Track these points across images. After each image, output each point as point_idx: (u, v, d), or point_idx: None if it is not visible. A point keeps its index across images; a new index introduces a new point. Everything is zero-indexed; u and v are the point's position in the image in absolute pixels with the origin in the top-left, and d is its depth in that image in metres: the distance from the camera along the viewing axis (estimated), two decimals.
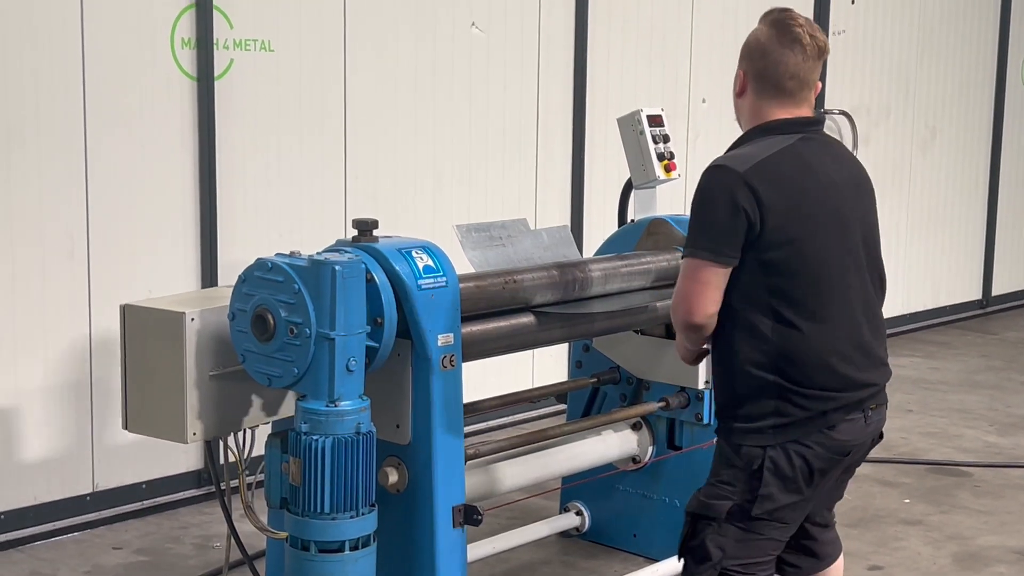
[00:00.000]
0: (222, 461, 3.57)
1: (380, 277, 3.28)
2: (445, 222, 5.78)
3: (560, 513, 4.73)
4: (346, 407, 3.12)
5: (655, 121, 4.48)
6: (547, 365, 6.39)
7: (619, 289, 4.09)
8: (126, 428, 3.42)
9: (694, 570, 3.14)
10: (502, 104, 6.15)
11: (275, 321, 3.15)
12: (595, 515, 4.68)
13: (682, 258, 3.07)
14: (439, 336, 3.35)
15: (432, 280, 3.35)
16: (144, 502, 5.05)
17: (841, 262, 3.07)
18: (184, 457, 5.12)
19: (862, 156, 8.12)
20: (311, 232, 5.34)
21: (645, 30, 6.79)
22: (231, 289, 3.29)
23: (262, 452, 3.35)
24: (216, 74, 5.02)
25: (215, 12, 4.97)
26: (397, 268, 3.31)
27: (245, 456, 3.47)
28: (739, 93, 3.19)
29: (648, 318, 4.21)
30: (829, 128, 8.07)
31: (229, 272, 5.08)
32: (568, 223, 6.40)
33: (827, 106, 7.98)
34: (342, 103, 5.48)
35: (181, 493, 5.14)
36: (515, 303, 3.75)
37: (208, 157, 5.03)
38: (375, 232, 3.42)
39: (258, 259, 3.20)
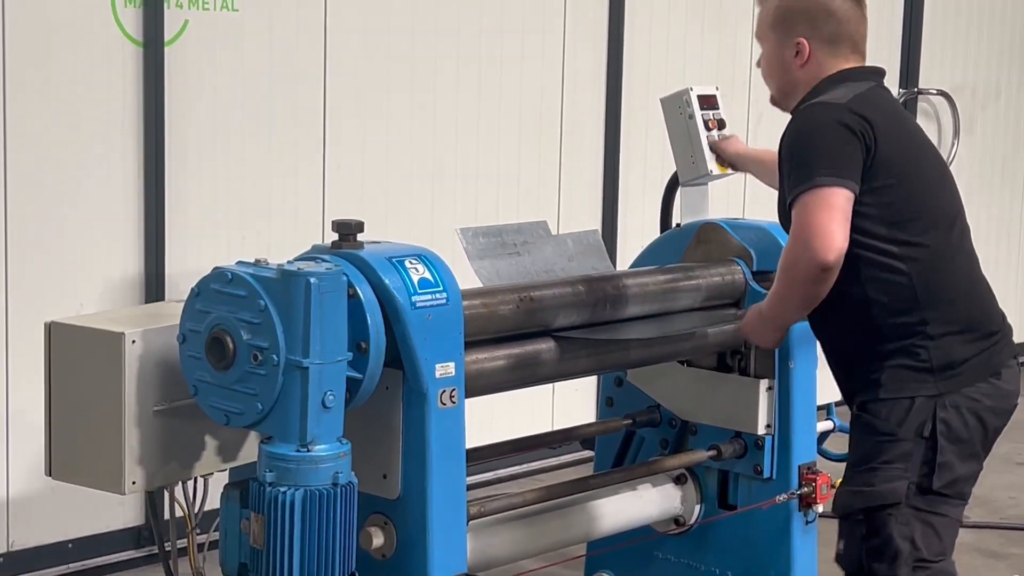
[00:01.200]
0: (167, 516, 3.59)
1: (365, 292, 3.30)
2: (446, 225, 5.79)
3: None
4: (321, 452, 3.13)
5: (708, 103, 4.49)
6: (571, 402, 6.40)
7: (660, 310, 4.11)
8: (49, 475, 3.44)
9: (887, 573, 3.36)
10: (519, 78, 6.17)
11: (235, 345, 3.16)
12: None
13: (792, 201, 3.32)
14: (437, 366, 3.36)
15: (429, 296, 3.37)
16: (70, 565, 5.06)
17: (950, 206, 3.53)
18: (120, 511, 5.15)
19: (965, 146, 8.14)
20: (281, 235, 5.36)
21: None
22: (181, 305, 3.31)
23: (216, 506, 3.36)
24: (166, 39, 5.05)
25: None
26: (386, 281, 3.32)
27: (196, 511, 3.48)
28: (804, 63, 3.57)
29: (696, 346, 4.22)
30: (924, 112, 8.07)
31: (179, 283, 5.10)
32: (599, 227, 6.41)
33: (922, 85, 7.98)
34: (321, 75, 5.51)
35: (116, 555, 5.16)
36: (532, 325, 3.77)
37: (155, 140, 5.06)
38: (360, 236, 3.44)
39: (216, 268, 3.22)
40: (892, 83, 7.64)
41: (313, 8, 5.47)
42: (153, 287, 5.11)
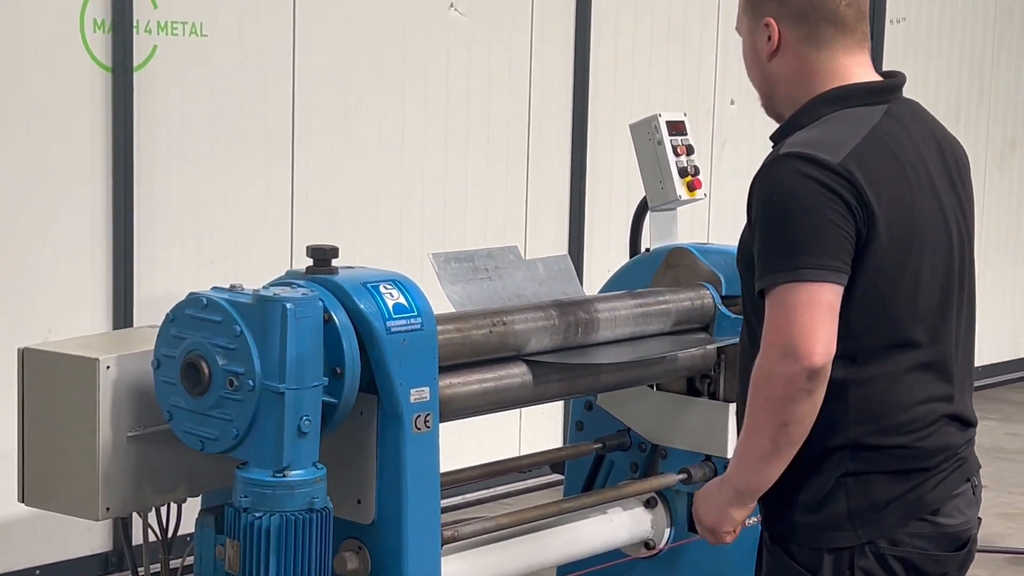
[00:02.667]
0: (138, 541, 3.57)
1: (340, 317, 3.29)
2: (415, 249, 5.82)
3: None
4: (297, 477, 3.12)
5: (676, 128, 4.52)
6: (539, 425, 6.41)
7: (631, 334, 4.12)
8: (22, 501, 3.42)
9: None
10: (486, 104, 6.20)
11: (210, 370, 3.15)
12: None
13: (763, 290, 2.70)
14: (412, 391, 3.36)
15: (404, 322, 3.37)
16: None
17: (943, 292, 2.82)
18: (88, 536, 5.12)
19: None
20: (251, 260, 5.37)
21: (662, 16, 6.86)
22: (154, 330, 3.30)
23: (190, 530, 3.35)
24: (136, 64, 5.06)
25: None
26: (361, 306, 3.32)
27: (169, 535, 3.47)
28: (772, 53, 2.84)
29: (666, 370, 4.24)
30: None
31: (148, 308, 5.09)
32: (566, 251, 6.43)
33: None
34: (290, 100, 5.52)
35: None
36: (504, 350, 3.78)
37: (124, 165, 5.05)
38: (334, 262, 3.45)
39: (191, 294, 3.22)
40: None
41: (281, 33, 5.48)
42: (122, 311, 5.10)
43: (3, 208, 4.85)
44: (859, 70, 2.86)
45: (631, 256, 4.65)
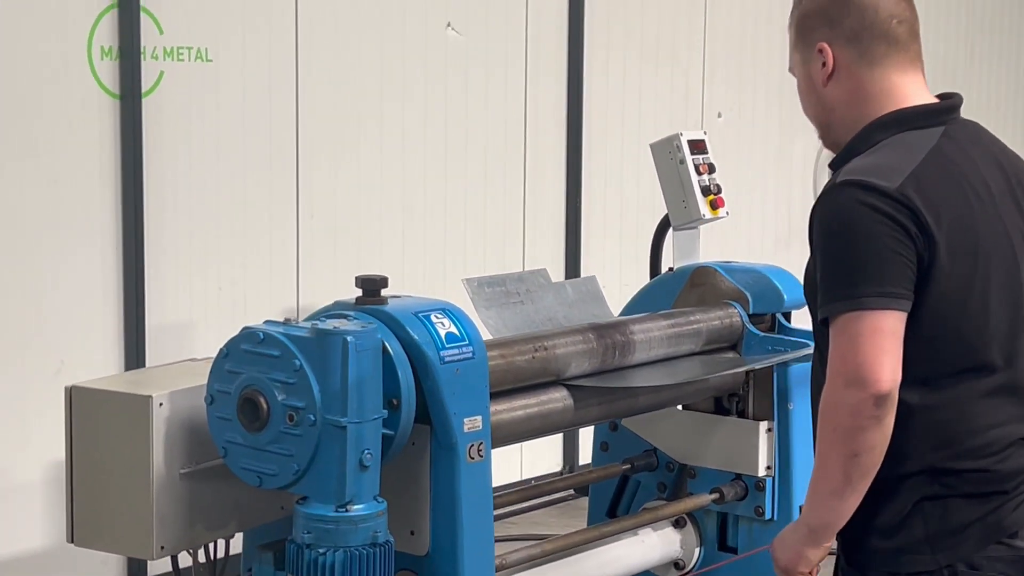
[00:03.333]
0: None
1: (395, 348, 3.26)
2: (417, 266, 5.81)
3: None
4: (359, 512, 3.09)
5: (698, 147, 4.51)
6: (538, 446, 6.38)
7: (665, 355, 4.11)
8: (72, 541, 3.37)
9: None
10: (483, 120, 6.19)
11: (269, 405, 3.11)
12: None
13: (826, 318, 2.69)
14: (465, 420, 3.33)
15: (456, 351, 3.34)
16: None
17: (1014, 313, 2.80)
18: (102, 569, 5.04)
19: None
20: (257, 284, 5.33)
21: (650, 33, 6.87)
22: (197, 364, 3.27)
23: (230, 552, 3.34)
24: (143, 90, 5.01)
25: (142, 14, 4.98)
26: (415, 337, 3.29)
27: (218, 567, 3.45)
28: (828, 77, 2.85)
29: (697, 389, 4.23)
30: None
31: (158, 337, 5.05)
32: (563, 269, 6.42)
33: None
34: (294, 123, 5.49)
35: None
36: (545, 375, 3.75)
37: (134, 192, 5.01)
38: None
39: (245, 329, 3.18)
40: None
41: (285, 58, 5.46)
42: (133, 340, 5.04)
43: (12, 236, 4.79)
44: (913, 90, 2.86)
45: (652, 275, 4.64)
